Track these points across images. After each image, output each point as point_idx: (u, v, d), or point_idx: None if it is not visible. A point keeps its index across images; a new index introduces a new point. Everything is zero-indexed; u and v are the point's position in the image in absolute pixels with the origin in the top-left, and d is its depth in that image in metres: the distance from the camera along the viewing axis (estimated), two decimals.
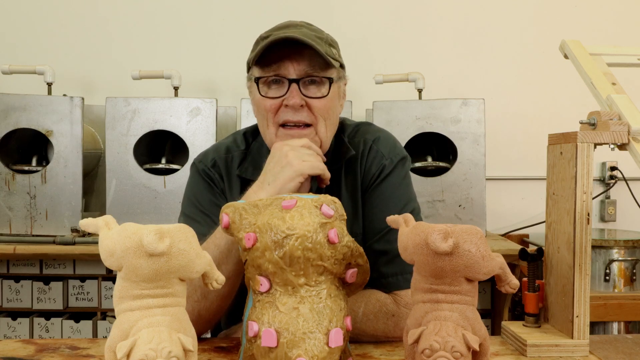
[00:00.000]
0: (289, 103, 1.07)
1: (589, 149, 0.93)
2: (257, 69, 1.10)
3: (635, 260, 2.03)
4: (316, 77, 1.09)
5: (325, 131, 1.11)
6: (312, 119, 1.09)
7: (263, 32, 1.11)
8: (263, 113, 1.11)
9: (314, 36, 1.08)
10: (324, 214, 0.78)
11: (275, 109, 1.09)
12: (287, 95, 1.07)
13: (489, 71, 2.75)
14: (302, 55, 1.07)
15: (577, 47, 1.11)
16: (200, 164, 1.20)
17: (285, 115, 1.09)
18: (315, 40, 1.06)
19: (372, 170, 1.16)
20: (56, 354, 0.95)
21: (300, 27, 1.10)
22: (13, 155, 2.27)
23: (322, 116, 1.10)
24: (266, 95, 1.09)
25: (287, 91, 1.07)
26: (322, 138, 1.11)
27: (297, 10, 2.66)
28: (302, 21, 1.14)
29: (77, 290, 2.18)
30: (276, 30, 1.09)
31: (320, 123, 1.10)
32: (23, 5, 2.68)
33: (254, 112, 1.16)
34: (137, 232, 0.68)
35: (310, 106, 1.08)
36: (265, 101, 1.09)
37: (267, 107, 1.09)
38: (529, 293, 1.03)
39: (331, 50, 1.10)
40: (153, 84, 2.52)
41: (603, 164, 2.72)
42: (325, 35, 1.12)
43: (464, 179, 2.26)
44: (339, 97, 1.16)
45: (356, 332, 1.00)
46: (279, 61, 1.07)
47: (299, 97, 1.07)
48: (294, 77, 1.07)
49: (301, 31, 1.08)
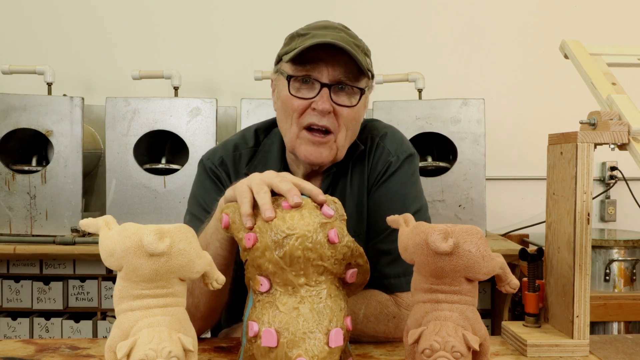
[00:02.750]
0: (317, 107, 1.06)
1: (589, 149, 0.93)
2: (290, 66, 1.07)
3: (635, 260, 2.03)
4: (349, 86, 1.07)
5: (344, 140, 1.10)
6: (335, 126, 1.08)
7: (300, 29, 1.09)
8: (289, 111, 1.09)
9: (352, 43, 1.06)
10: (324, 214, 0.78)
11: (302, 109, 1.07)
12: (316, 98, 1.06)
13: (489, 71, 2.75)
14: (338, 61, 1.05)
15: (577, 47, 1.11)
16: (208, 161, 1.19)
17: (311, 119, 1.07)
18: (353, 47, 1.05)
19: (378, 168, 1.15)
20: (56, 354, 0.94)
21: (340, 30, 1.08)
22: (13, 155, 2.27)
23: (346, 125, 1.09)
24: (296, 95, 1.07)
25: (318, 94, 1.06)
26: (339, 146, 1.10)
27: (298, 11, 2.67)
28: (340, 24, 1.12)
29: (77, 290, 2.18)
30: (315, 30, 1.07)
31: (342, 131, 1.09)
32: (23, 5, 2.68)
33: (276, 105, 1.14)
34: (137, 232, 0.68)
35: (337, 113, 1.07)
36: (294, 100, 1.07)
37: (294, 106, 1.07)
38: (529, 293, 1.03)
39: (366, 60, 1.09)
40: (153, 84, 2.52)
41: (603, 164, 2.72)
42: (362, 43, 1.10)
43: (464, 179, 2.26)
44: (365, 106, 1.14)
45: (357, 333, 1.00)
46: (314, 62, 1.05)
47: (329, 103, 1.05)
48: (326, 82, 1.06)
49: (340, 35, 1.06)
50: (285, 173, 0.86)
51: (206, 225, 0.97)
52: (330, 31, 1.07)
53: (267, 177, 0.83)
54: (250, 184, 0.83)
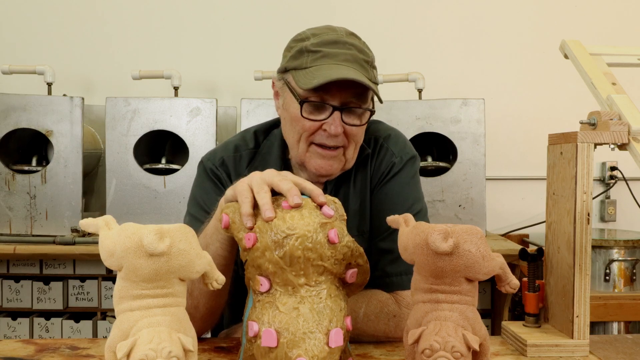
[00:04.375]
0: (329, 130, 1.06)
1: (589, 149, 0.93)
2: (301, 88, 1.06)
3: (635, 260, 2.03)
4: (358, 107, 1.08)
5: (352, 153, 1.12)
6: (345, 143, 1.10)
7: (309, 42, 1.07)
8: (299, 130, 1.09)
9: (362, 60, 1.06)
10: (324, 214, 0.78)
11: (313, 130, 1.08)
12: (328, 120, 1.06)
13: (489, 71, 2.75)
14: (349, 83, 1.04)
15: (577, 47, 1.11)
16: (209, 162, 1.18)
17: (321, 139, 1.08)
18: (363, 66, 1.05)
19: (382, 168, 1.16)
20: (56, 354, 0.94)
21: (349, 47, 1.07)
22: (13, 155, 2.27)
23: (355, 141, 1.11)
24: (308, 117, 1.07)
25: (330, 117, 1.06)
26: (347, 159, 1.12)
27: (298, 11, 2.66)
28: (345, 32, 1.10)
29: (77, 290, 2.18)
30: (325, 47, 1.06)
31: (352, 146, 1.11)
32: (23, 5, 2.68)
33: (281, 113, 1.14)
34: (137, 232, 0.68)
35: (347, 133, 1.08)
36: (305, 122, 1.08)
37: (305, 127, 1.08)
38: (529, 293, 1.03)
39: (373, 74, 1.10)
40: (153, 84, 2.52)
41: (603, 164, 2.72)
42: (369, 54, 1.10)
43: (464, 179, 2.26)
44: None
45: (357, 332, 1.00)
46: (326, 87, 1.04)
47: (341, 126, 1.07)
48: (337, 105, 1.06)
49: (351, 54, 1.05)
50: (287, 172, 0.86)
51: (206, 226, 0.97)
52: (340, 48, 1.06)
53: (267, 176, 0.83)
54: (250, 183, 0.83)
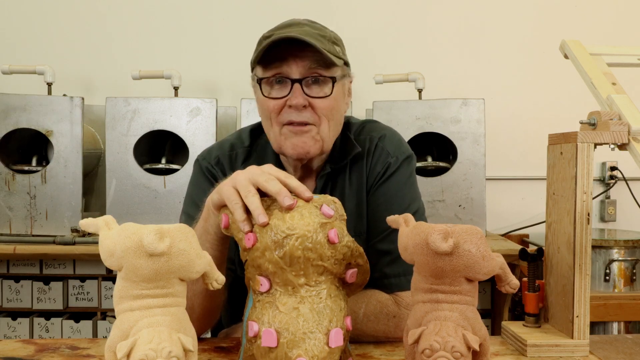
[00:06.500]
0: (292, 103, 1.06)
1: (589, 149, 0.93)
2: (260, 69, 1.08)
3: (635, 260, 2.03)
4: (319, 77, 1.07)
5: (327, 131, 1.10)
6: (315, 119, 1.08)
7: (266, 32, 1.10)
8: (266, 113, 1.09)
9: (316, 34, 1.06)
10: (324, 214, 0.78)
11: (278, 109, 1.08)
12: (290, 95, 1.06)
13: (489, 71, 2.75)
14: (305, 54, 1.05)
15: (577, 47, 1.11)
16: (204, 161, 1.19)
17: (289, 116, 1.07)
18: (317, 38, 1.05)
19: (378, 169, 1.15)
20: (56, 354, 0.94)
21: (303, 25, 1.09)
22: (13, 155, 2.27)
23: (326, 116, 1.09)
24: (269, 96, 1.08)
25: (290, 91, 1.06)
26: (323, 138, 1.10)
27: (298, 11, 2.65)
28: (305, 19, 1.13)
29: (77, 290, 2.18)
30: (278, 30, 1.08)
31: (324, 123, 1.09)
32: (23, 5, 2.68)
33: (259, 112, 1.15)
34: (137, 232, 0.68)
35: (313, 106, 1.07)
36: (268, 102, 1.08)
37: (270, 107, 1.08)
38: (529, 293, 1.03)
39: (334, 48, 1.09)
40: (153, 84, 2.52)
41: (603, 164, 2.72)
42: (328, 33, 1.11)
43: (464, 179, 2.26)
44: (344, 95, 1.14)
45: (356, 332, 1.00)
46: (281, 61, 1.06)
47: (302, 98, 1.06)
48: (296, 77, 1.06)
49: (304, 30, 1.06)
50: (269, 167, 0.84)
51: (194, 227, 0.96)
52: (294, 27, 1.07)
53: (251, 176, 0.81)
54: (235, 186, 0.81)
